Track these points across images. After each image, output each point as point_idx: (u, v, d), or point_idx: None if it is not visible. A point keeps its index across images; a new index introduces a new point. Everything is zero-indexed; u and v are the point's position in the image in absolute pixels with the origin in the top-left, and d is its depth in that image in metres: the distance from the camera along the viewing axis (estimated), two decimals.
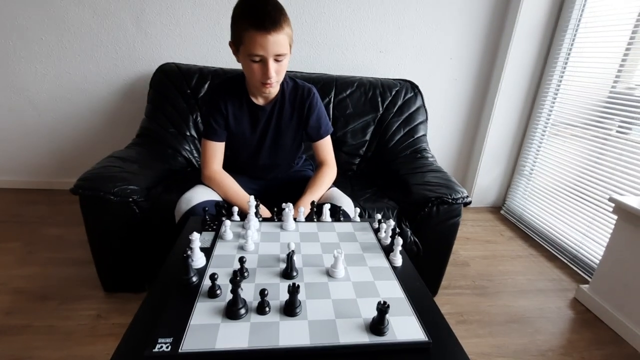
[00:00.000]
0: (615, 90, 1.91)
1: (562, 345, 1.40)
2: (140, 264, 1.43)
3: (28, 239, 1.80)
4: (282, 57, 1.02)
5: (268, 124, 1.22)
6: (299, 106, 1.22)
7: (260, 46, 0.97)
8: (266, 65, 1.01)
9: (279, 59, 1.02)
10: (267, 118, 1.21)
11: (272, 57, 1.00)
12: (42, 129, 2.23)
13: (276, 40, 0.97)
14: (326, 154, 1.30)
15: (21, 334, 1.24)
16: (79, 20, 2.00)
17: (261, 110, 1.20)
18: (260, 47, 0.97)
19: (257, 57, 0.99)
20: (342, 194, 1.26)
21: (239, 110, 1.19)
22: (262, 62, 1.01)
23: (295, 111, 1.23)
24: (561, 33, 2.18)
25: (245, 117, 1.21)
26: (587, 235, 1.93)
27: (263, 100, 1.19)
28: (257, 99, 1.19)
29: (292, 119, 1.23)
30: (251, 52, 0.98)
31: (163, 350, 0.54)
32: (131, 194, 1.30)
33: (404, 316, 0.65)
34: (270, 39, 0.96)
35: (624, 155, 1.79)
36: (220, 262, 0.78)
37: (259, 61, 1.01)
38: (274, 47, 0.98)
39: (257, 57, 0.99)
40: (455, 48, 2.31)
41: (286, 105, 1.21)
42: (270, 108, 1.20)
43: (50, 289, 1.47)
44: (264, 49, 0.97)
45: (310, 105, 1.23)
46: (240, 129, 1.21)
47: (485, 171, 2.56)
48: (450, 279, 1.76)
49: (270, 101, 1.19)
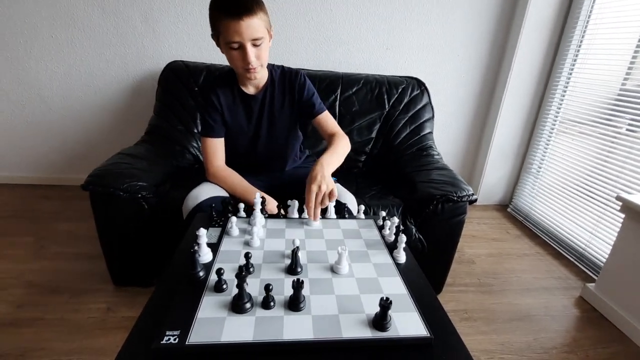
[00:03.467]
0: (626, 87, 1.88)
1: (567, 344, 1.40)
2: (148, 259, 1.45)
3: (40, 233, 1.84)
4: (259, 41, 1.05)
5: (261, 112, 1.24)
6: (289, 89, 1.24)
7: (235, 32, 1.00)
8: (244, 51, 1.04)
9: (256, 43, 1.05)
10: (259, 106, 1.24)
11: (249, 42, 1.03)
12: (52, 125, 2.27)
13: (249, 24, 1.00)
14: (331, 126, 1.27)
15: (33, 327, 1.28)
16: (88, 18, 2.02)
17: (253, 100, 1.22)
18: (235, 33, 1.00)
19: (235, 44, 1.03)
20: (346, 191, 1.26)
21: (232, 103, 1.22)
22: (240, 48, 1.04)
23: (286, 95, 1.25)
24: (570, 29, 2.16)
25: (239, 109, 1.23)
26: (594, 234, 1.92)
27: (254, 88, 1.22)
28: (248, 88, 1.21)
29: (284, 102, 1.25)
30: (228, 40, 1.02)
31: (170, 343, 0.55)
32: (140, 190, 1.32)
33: (407, 312, 0.66)
34: (244, 24, 0.99)
35: (633, 154, 1.77)
36: (227, 257, 0.80)
37: (237, 48, 1.04)
38: (249, 31, 1.01)
39: (234, 44, 1.03)
40: (462, 44, 2.29)
41: (276, 91, 1.24)
42: (262, 96, 1.22)
43: (61, 283, 1.50)
44: (239, 35, 1.01)
45: (300, 85, 1.24)
46: (236, 121, 1.24)
47: (492, 169, 2.54)
48: (455, 277, 1.76)
49: (261, 89, 1.22)
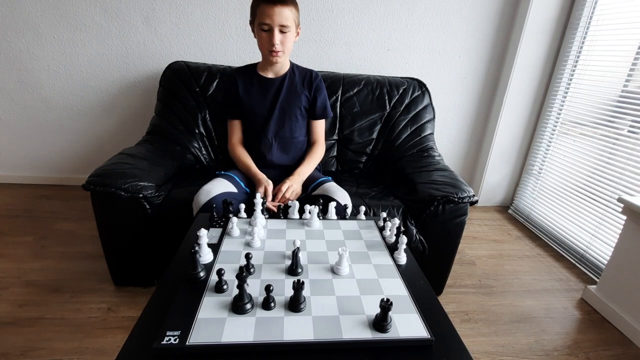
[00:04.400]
0: (627, 89, 1.88)
1: (568, 346, 1.40)
2: (149, 259, 1.45)
3: (41, 233, 1.84)
4: (285, 29, 1.23)
5: (278, 93, 1.40)
6: (307, 84, 1.44)
7: (267, 15, 1.19)
8: (272, 34, 1.22)
9: (283, 30, 1.23)
10: (277, 89, 1.40)
11: (278, 27, 1.21)
12: (54, 125, 2.27)
13: (281, 12, 1.20)
14: (319, 134, 1.51)
15: (33, 326, 1.28)
16: (90, 18, 2.03)
17: (271, 83, 1.40)
18: (268, 16, 1.19)
19: (266, 26, 1.21)
20: (338, 187, 1.31)
21: (249, 84, 1.40)
22: (269, 31, 1.23)
23: (304, 87, 1.43)
24: (572, 30, 2.15)
25: (255, 89, 1.40)
26: (595, 236, 1.91)
27: (273, 74, 1.40)
28: (267, 73, 1.40)
29: (302, 92, 1.43)
30: (260, 21, 1.22)
31: (171, 343, 0.56)
32: (141, 190, 1.32)
33: (407, 313, 0.66)
34: (277, 10, 1.19)
35: (634, 156, 1.76)
36: (227, 258, 0.80)
37: (267, 30, 1.23)
38: (279, 18, 1.20)
39: (265, 25, 1.21)
40: (463, 46, 2.29)
41: (296, 80, 1.42)
42: (279, 81, 1.40)
43: (62, 282, 1.50)
44: (270, 18, 1.20)
45: (318, 86, 1.45)
46: (250, 99, 1.40)
47: (493, 170, 2.54)
48: (456, 278, 1.76)
49: (280, 75, 1.40)
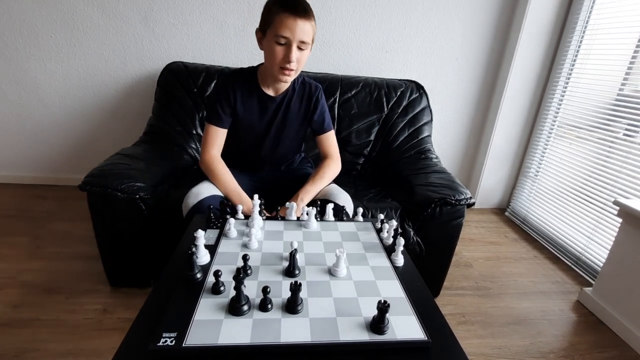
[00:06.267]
0: (623, 93, 1.90)
1: (564, 348, 1.40)
2: (145, 260, 1.45)
3: (36, 233, 1.83)
4: (304, 46, 1.09)
5: (276, 114, 1.27)
6: (306, 100, 1.29)
7: (288, 28, 1.04)
8: (290, 49, 1.07)
9: (302, 47, 1.08)
10: (275, 108, 1.26)
11: (297, 43, 1.06)
12: (50, 125, 2.26)
13: (303, 26, 1.05)
14: (330, 147, 1.34)
15: (28, 327, 1.27)
16: (88, 18, 2.02)
17: (271, 100, 1.24)
18: (288, 29, 1.04)
19: (283, 40, 1.06)
20: (341, 190, 1.27)
21: (248, 98, 1.23)
22: (287, 45, 1.07)
23: (302, 105, 1.29)
24: (569, 34, 2.17)
25: (254, 105, 1.24)
26: (591, 238, 1.92)
27: (274, 91, 1.24)
28: (269, 89, 1.23)
29: (300, 111, 1.29)
30: (278, 33, 1.05)
31: (167, 345, 0.55)
32: (138, 190, 1.31)
33: (404, 315, 0.66)
34: (300, 23, 1.04)
35: (630, 159, 1.78)
36: (224, 259, 0.80)
37: (284, 44, 1.07)
38: (301, 33, 1.05)
39: (283, 38, 1.05)
40: (461, 49, 2.30)
41: (295, 99, 1.27)
42: (280, 99, 1.25)
43: (58, 283, 1.49)
44: (291, 31, 1.04)
45: (317, 100, 1.30)
46: (247, 116, 1.25)
47: (490, 172, 2.55)
48: (453, 280, 1.76)
49: (280, 93, 1.24)
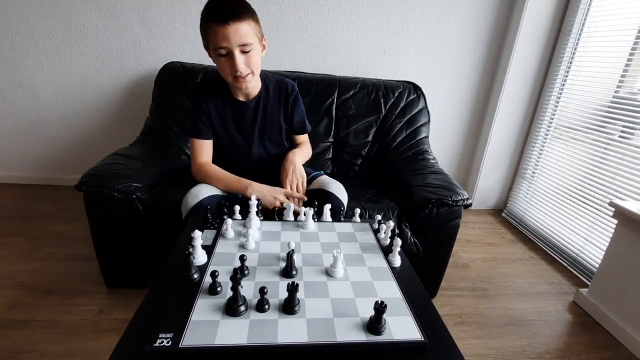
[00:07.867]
0: (619, 95, 1.91)
1: (560, 349, 1.41)
2: (142, 261, 1.44)
3: (32, 234, 1.82)
4: (247, 48, 1.02)
5: (254, 120, 1.23)
6: (284, 100, 1.26)
7: (222, 38, 0.98)
8: (232, 57, 1.02)
9: (245, 49, 1.02)
10: (252, 114, 1.22)
11: (237, 49, 1.01)
12: (47, 125, 2.25)
13: (237, 30, 0.98)
14: (302, 139, 1.38)
15: (24, 328, 1.26)
16: (85, 18, 2.01)
17: (244, 107, 1.21)
18: (222, 38, 0.98)
19: (223, 50, 1.01)
20: (333, 180, 1.26)
21: (222, 109, 1.20)
22: (228, 55, 1.02)
23: (281, 105, 1.26)
24: (565, 36, 2.18)
25: (228, 115, 1.21)
26: (587, 239, 1.93)
27: (244, 97, 1.20)
28: (239, 96, 1.20)
29: (279, 113, 1.26)
30: (215, 46, 1.00)
31: (164, 345, 0.55)
32: (135, 191, 1.31)
33: (401, 316, 0.66)
34: (231, 29, 0.97)
35: (625, 160, 1.79)
36: (221, 259, 0.80)
37: (225, 54, 1.02)
38: (236, 37, 0.98)
39: (222, 49, 1.00)
40: (458, 50, 2.31)
41: (271, 100, 1.23)
42: (254, 104, 1.21)
43: (54, 284, 1.48)
44: (226, 40, 0.98)
45: (295, 100, 1.27)
46: (224, 127, 1.22)
47: (487, 174, 2.56)
48: (450, 281, 1.76)
49: (253, 97, 1.21)
